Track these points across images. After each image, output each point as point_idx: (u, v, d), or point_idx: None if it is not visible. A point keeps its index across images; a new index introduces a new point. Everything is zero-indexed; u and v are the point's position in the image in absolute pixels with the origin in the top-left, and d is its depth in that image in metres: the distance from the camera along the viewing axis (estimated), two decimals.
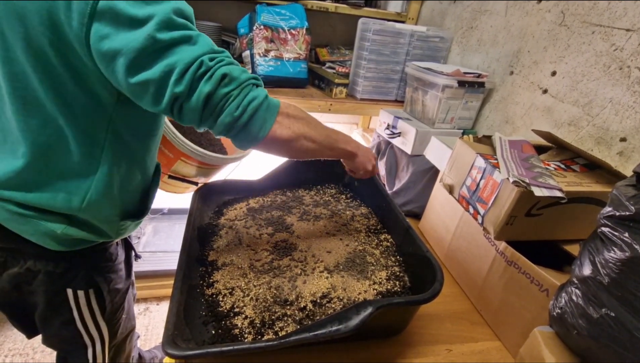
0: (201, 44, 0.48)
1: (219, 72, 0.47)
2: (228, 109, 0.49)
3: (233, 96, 0.48)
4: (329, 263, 0.70)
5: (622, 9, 0.74)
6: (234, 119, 0.49)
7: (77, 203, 0.57)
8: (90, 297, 0.69)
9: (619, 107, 0.74)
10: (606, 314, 0.45)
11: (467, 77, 1.04)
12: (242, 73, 0.50)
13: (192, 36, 0.48)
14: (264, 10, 1.22)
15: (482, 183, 0.72)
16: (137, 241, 1.68)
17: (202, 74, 0.46)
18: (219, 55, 0.49)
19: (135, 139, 0.61)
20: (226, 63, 0.49)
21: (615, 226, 0.46)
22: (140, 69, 0.45)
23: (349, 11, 1.42)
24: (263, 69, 1.24)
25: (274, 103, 0.53)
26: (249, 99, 0.49)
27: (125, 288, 0.78)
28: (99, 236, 0.64)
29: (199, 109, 0.48)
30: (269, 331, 0.56)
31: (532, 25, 0.96)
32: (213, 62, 0.47)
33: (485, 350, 0.67)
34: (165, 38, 0.45)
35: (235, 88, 0.49)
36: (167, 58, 0.45)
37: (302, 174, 0.97)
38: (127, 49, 0.44)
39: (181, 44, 0.46)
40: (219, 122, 0.49)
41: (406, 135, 1.09)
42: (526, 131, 0.97)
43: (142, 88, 0.47)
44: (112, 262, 0.72)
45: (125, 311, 0.80)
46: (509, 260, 0.66)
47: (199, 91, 0.46)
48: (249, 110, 0.49)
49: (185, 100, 0.47)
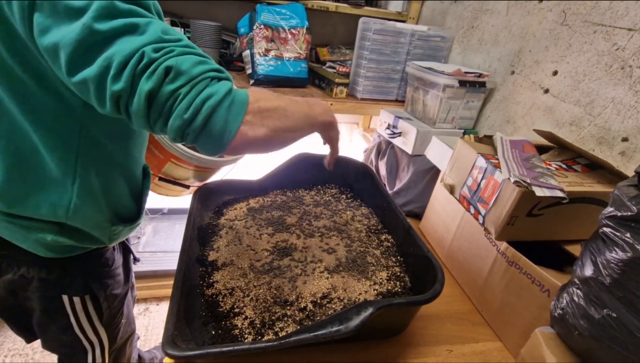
0: (149, 32, 0.40)
1: (163, 65, 0.38)
2: (177, 111, 0.40)
3: (182, 94, 0.40)
4: (329, 263, 0.70)
5: (623, 8, 0.73)
6: (185, 123, 0.40)
7: (63, 212, 0.55)
8: (86, 303, 0.68)
9: (620, 107, 0.74)
10: (608, 315, 0.45)
11: (468, 77, 1.04)
12: (195, 65, 0.41)
13: (138, 25, 0.40)
14: (264, 9, 1.22)
15: (483, 183, 0.71)
16: (137, 241, 1.68)
17: (143, 69, 0.38)
18: (168, 45, 0.40)
19: (112, 142, 0.57)
20: (176, 54, 0.40)
21: (616, 227, 0.46)
22: (80, 65, 0.39)
23: (350, 10, 1.42)
24: (263, 68, 1.24)
25: (239, 99, 0.43)
26: (203, 97, 0.40)
27: (123, 293, 0.77)
28: (91, 243, 0.63)
29: (141, 111, 0.40)
30: (269, 331, 0.56)
31: (533, 24, 0.95)
32: (158, 54, 0.39)
33: (486, 351, 0.67)
34: (104, 28, 0.38)
35: (185, 84, 0.40)
36: (105, 52, 0.38)
37: (303, 174, 0.97)
38: (63, 42, 0.38)
39: (124, 34, 0.39)
40: (169, 127, 0.41)
41: (407, 135, 1.09)
42: (527, 130, 0.96)
43: (84, 87, 0.40)
44: (109, 267, 0.71)
45: (124, 316, 0.79)
46: (510, 261, 0.66)
47: (139, 90, 0.39)
48: (203, 111, 0.40)
49: (129, 101, 0.40)
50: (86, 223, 0.59)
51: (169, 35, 0.41)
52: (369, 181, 0.92)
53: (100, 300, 0.70)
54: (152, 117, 0.41)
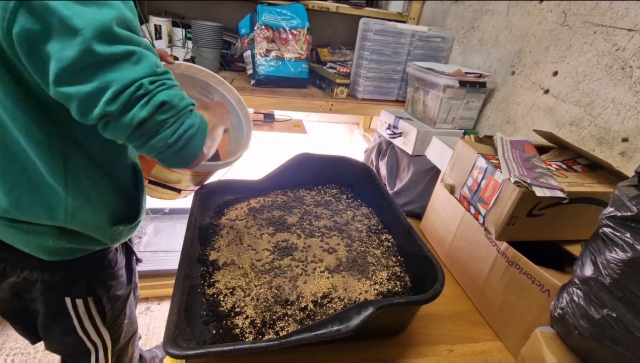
0: (144, 64, 0.45)
1: (158, 98, 0.45)
2: (163, 135, 0.47)
3: (169, 124, 0.47)
4: (329, 263, 0.70)
5: (624, 9, 0.73)
6: (167, 145, 0.48)
7: (62, 215, 0.56)
8: (89, 305, 0.69)
9: (620, 108, 0.74)
10: (608, 315, 0.45)
11: (468, 77, 1.04)
12: (182, 100, 0.49)
13: (134, 53, 0.44)
14: (265, 10, 1.22)
15: (484, 183, 0.71)
16: (139, 240, 1.68)
17: (139, 97, 0.44)
18: (160, 78, 0.46)
19: (96, 145, 0.58)
20: (167, 87, 0.47)
21: (617, 227, 0.46)
22: (71, 80, 0.42)
23: (350, 11, 1.42)
24: (264, 69, 1.24)
25: (204, 126, 0.53)
26: (185, 127, 0.49)
27: (126, 294, 0.77)
28: (94, 244, 0.63)
29: (128, 130, 0.45)
30: (270, 331, 0.56)
31: (533, 25, 0.95)
32: (153, 86, 0.45)
33: (486, 351, 0.67)
34: (105, 52, 0.41)
35: (173, 116, 0.47)
36: (104, 75, 0.42)
37: (303, 175, 0.97)
38: (59, 55, 0.40)
39: (122, 61, 0.43)
40: (149, 144, 0.47)
41: (407, 135, 1.09)
42: (528, 131, 0.96)
43: (67, 97, 0.43)
44: (112, 269, 0.71)
45: (127, 317, 0.80)
46: (510, 261, 0.66)
47: (133, 115, 0.44)
48: (184, 138, 0.49)
49: (113, 119, 0.45)
50: (86, 225, 0.60)
51: (159, 69, 0.47)
52: (370, 181, 0.92)
53: (103, 301, 0.70)
54: (135, 135, 0.46)
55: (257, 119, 1.54)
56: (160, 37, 1.22)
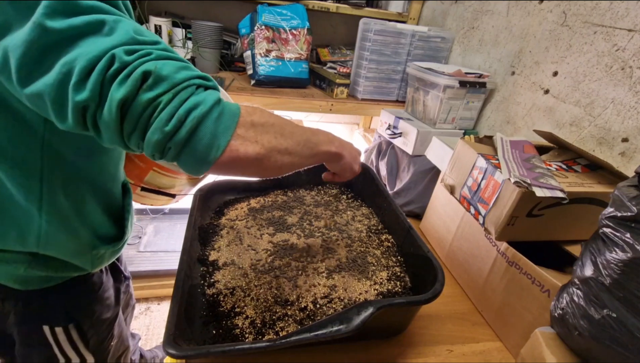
0: (119, 32, 0.33)
1: (140, 70, 0.32)
2: (156, 122, 0.33)
3: (162, 103, 0.33)
4: (329, 263, 0.70)
5: (624, 9, 0.73)
6: (166, 136, 0.34)
7: (33, 241, 0.49)
8: (70, 332, 0.62)
9: (620, 108, 0.74)
10: (608, 315, 0.45)
11: (468, 78, 1.04)
12: (178, 70, 0.35)
13: (104, 21, 0.33)
14: (265, 10, 1.22)
15: (484, 183, 0.71)
16: (139, 240, 1.68)
17: (114, 74, 0.32)
18: (144, 47, 0.34)
19: (82, 159, 0.50)
20: (154, 57, 0.34)
21: (616, 227, 0.46)
22: (33, 72, 0.33)
23: (350, 11, 1.42)
24: (264, 69, 1.24)
25: (230, 110, 0.38)
26: (188, 106, 0.34)
27: (113, 316, 0.70)
28: (71, 271, 0.57)
29: (113, 123, 0.33)
30: (270, 331, 0.56)
31: (533, 25, 0.95)
32: (132, 57, 0.33)
33: (486, 351, 0.67)
34: (61, 27, 0.31)
35: (166, 91, 0.34)
36: (65, 55, 0.32)
37: (303, 175, 0.97)
38: (12, 45, 0.32)
39: (87, 34, 0.32)
40: (146, 141, 0.34)
41: (407, 135, 1.09)
42: (527, 131, 0.96)
43: (39, 100, 0.34)
44: (96, 293, 0.64)
45: (115, 337, 0.73)
46: (510, 261, 0.66)
47: (110, 98, 0.32)
48: (188, 122, 0.34)
49: (97, 112, 0.33)
50: (62, 250, 0.53)
51: (143, 37, 0.35)
52: (370, 181, 0.92)
53: (85, 328, 0.63)
54: (126, 131, 0.34)
55: None
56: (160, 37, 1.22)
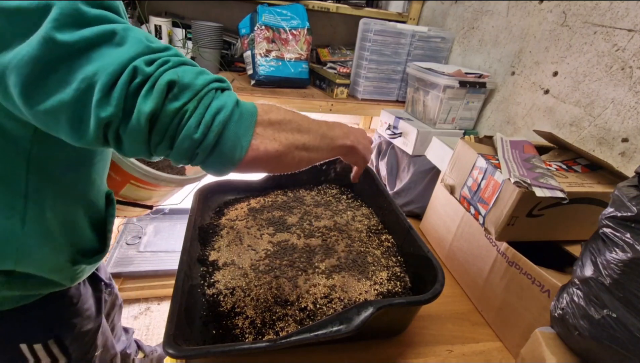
0: (132, 41, 0.33)
1: (163, 80, 0.33)
2: (185, 131, 0.35)
3: (189, 111, 0.35)
4: (329, 263, 0.70)
5: (624, 9, 0.73)
6: (195, 143, 0.35)
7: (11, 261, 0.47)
8: (50, 348, 0.60)
9: (620, 108, 0.74)
10: (608, 315, 0.45)
11: (468, 78, 1.04)
12: (197, 76, 0.36)
13: (115, 31, 0.33)
14: (265, 10, 1.22)
15: (484, 183, 0.71)
16: (139, 240, 1.69)
17: (138, 86, 0.33)
18: (160, 54, 0.35)
19: (69, 172, 0.49)
20: (172, 65, 0.35)
21: (617, 227, 0.46)
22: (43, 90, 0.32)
23: (350, 11, 1.42)
24: (264, 69, 1.24)
25: (248, 110, 0.39)
26: (212, 111, 0.35)
27: (95, 326, 0.69)
28: (49, 287, 0.55)
29: (142, 135, 0.34)
30: (270, 331, 0.56)
31: (533, 25, 0.95)
32: (152, 67, 0.33)
33: (486, 351, 0.67)
34: (72, 39, 0.31)
35: (191, 99, 0.35)
36: (80, 69, 0.31)
37: (303, 175, 0.97)
38: (16, 60, 0.30)
39: (99, 45, 0.32)
40: (175, 150, 0.36)
41: (407, 135, 1.09)
42: (527, 131, 0.96)
43: (51, 118, 0.33)
44: (74, 306, 0.62)
45: (99, 348, 0.72)
46: (510, 261, 0.66)
47: (138, 111, 0.32)
48: (214, 127, 0.35)
49: (121, 125, 0.33)
50: (41, 267, 0.51)
51: (155, 44, 0.35)
52: (370, 181, 0.92)
53: (67, 343, 0.61)
54: (154, 141, 0.35)
55: None
56: (160, 38, 1.22)
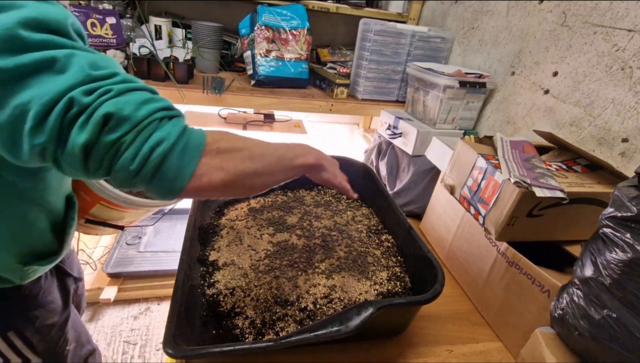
0: (73, 69, 0.33)
1: (100, 112, 0.32)
2: (121, 162, 0.34)
3: (125, 143, 0.34)
4: (329, 263, 0.70)
5: (624, 9, 0.73)
6: (132, 174, 0.35)
7: None
8: (11, 340, 0.59)
9: (620, 108, 0.74)
10: (608, 315, 0.45)
11: (468, 78, 1.04)
12: (139, 106, 0.35)
13: (55, 58, 0.32)
14: (265, 10, 1.22)
15: (484, 183, 0.71)
16: (139, 240, 1.69)
17: (74, 117, 0.32)
18: (103, 82, 0.34)
19: (24, 178, 0.48)
20: (115, 94, 0.34)
21: (617, 227, 0.46)
22: None
23: (350, 11, 1.42)
24: (264, 69, 1.24)
25: (194, 140, 0.38)
26: (151, 144, 0.35)
27: (62, 320, 0.67)
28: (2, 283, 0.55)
29: (77, 163, 0.34)
30: (270, 331, 0.56)
31: (533, 25, 0.95)
32: (91, 97, 0.32)
33: (486, 351, 0.67)
34: (7, 66, 0.31)
35: (128, 132, 0.34)
36: (15, 96, 0.31)
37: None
38: None
39: (38, 72, 0.32)
40: (112, 178, 0.36)
41: (407, 135, 1.09)
42: (527, 131, 0.96)
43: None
44: (34, 298, 0.61)
45: (70, 342, 0.70)
46: (510, 261, 0.66)
47: (72, 141, 0.32)
48: (152, 160, 0.35)
49: (57, 150, 0.33)
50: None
51: (99, 71, 0.34)
52: (370, 181, 0.92)
53: (28, 335, 0.61)
54: (91, 168, 0.35)
55: (257, 120, 1.54)
56: (160, 38, 1.22)
